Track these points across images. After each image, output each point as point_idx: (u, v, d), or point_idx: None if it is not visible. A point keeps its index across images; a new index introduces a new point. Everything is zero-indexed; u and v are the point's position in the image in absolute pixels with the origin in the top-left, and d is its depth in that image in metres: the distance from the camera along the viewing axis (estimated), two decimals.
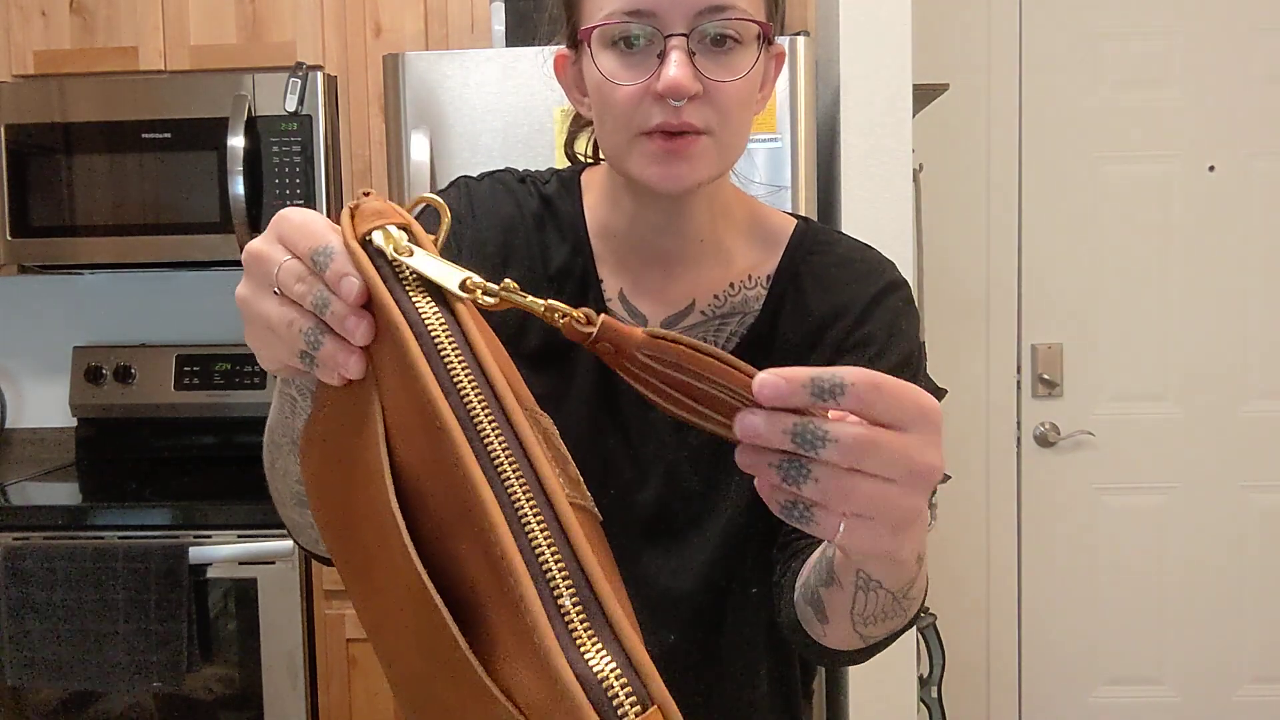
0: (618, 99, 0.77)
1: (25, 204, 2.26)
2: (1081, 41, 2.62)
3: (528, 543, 0.45)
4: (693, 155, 0.77)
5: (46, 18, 2.28)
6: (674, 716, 0.43)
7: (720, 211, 0.87)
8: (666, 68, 0.74)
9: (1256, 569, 2.67)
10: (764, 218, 0.92)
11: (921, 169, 2.28)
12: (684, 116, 0.75)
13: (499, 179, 0.92)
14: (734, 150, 0.81)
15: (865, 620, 0.68)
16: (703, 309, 0.87)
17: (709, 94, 0.76)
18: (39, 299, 2.66)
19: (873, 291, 0.86)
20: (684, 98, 0.74)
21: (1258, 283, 2.63)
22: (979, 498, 2.70)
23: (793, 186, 1.84)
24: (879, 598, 0.66)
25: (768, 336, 0.86)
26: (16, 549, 1.96)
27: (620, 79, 0.77)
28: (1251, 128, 2.60)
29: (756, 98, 0.82)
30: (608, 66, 0.77)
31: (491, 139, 1.88)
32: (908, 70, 1.90)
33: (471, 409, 0.49)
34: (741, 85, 0.77)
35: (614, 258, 0.89)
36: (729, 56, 0.77)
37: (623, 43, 0.77)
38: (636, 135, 0.77)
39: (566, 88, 0.87)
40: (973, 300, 2.67)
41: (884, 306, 0.86)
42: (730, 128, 0.78)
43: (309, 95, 2.17)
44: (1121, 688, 2.71)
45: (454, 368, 0.50)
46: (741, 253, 0.89)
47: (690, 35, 0.75)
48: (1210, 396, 2.65)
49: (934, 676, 2.30)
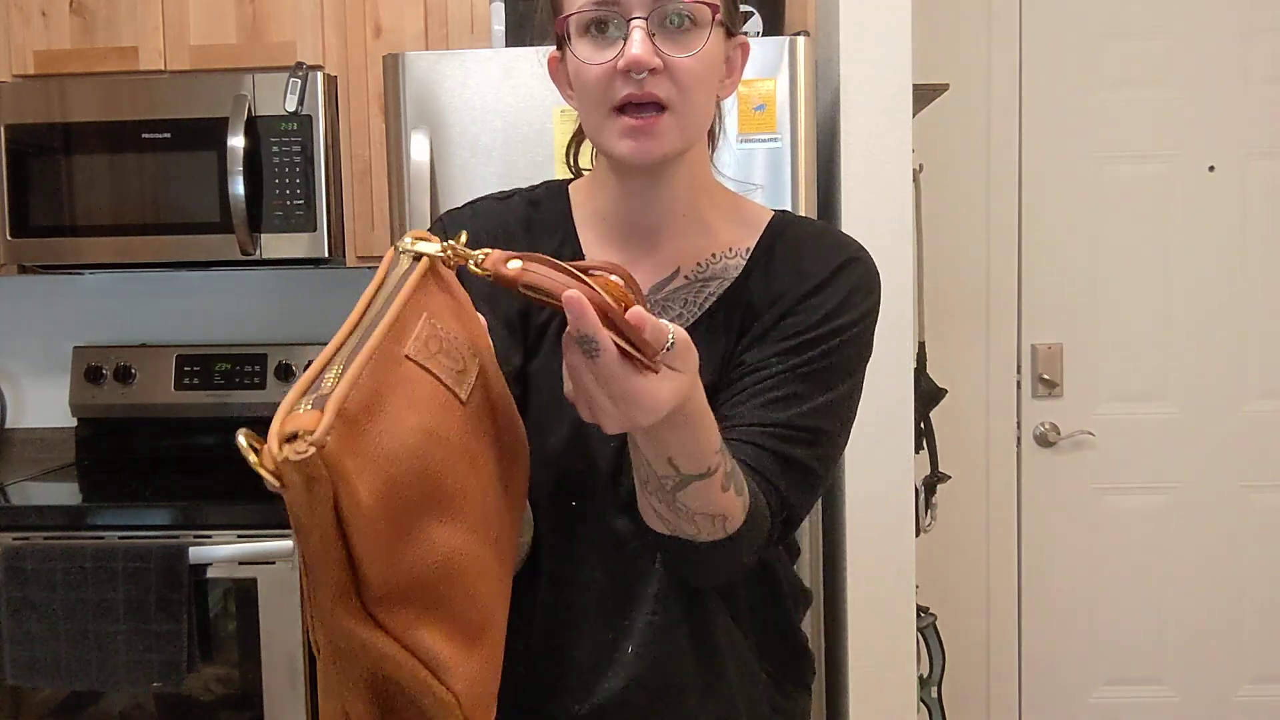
0: (591, 78, 0.87)
1: (25, 204, 2.26)
2: (1081, 41, 2.62)
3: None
4: (657, 132, 0.87)
5: (46, 18, 2.28)
6: (329, 412, 0.55)
7: (700, 188, 0.97)
8: (629, 45, 0.84)
9: (1256, 569, 2.67)
10: (744, 206, 1.01)
11: (921, 169, 2.28)
12: (647, 87, 0.85)
13: (478, 206, 1.02)
14: (696, 124, 0.90)
15: (647, 489, 0.81)
16: (686, 274, 0.96)
17: (669, 69, 0.86)
18: (39, 299, 2.66)
19: (834, 265, 0.94)
20: (644, 70, 0.85)
21: (1257, 283, 2.63)
22: (979, 498, 2.70)
23: (793, 186, 1.84)
24: (641, 463, 0.79)
25: (740, 298, 0.95)
26: (16, 549, 1.96)
27: (593, 60, 0.87)
28: (1251, 128, 2.60)
29: (718, 76, 0.92)
30: (583, 52, 0.88)
31: (491, 139, 1.88)
32: (908, 70, 1.90)
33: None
34: (697, 62, 0.87)
35: (601, 239, 0.98)
36: (685, 36, 0.87)
37: (595, 29, 0.87)
38: (609, 113, 0.87)
39: (559, 85, 0.96)
40: (973, 300, 2.67)
41: (841, 279, 0.94)
42: (689, 101, 0.88)
43: (309, 95, 2.17)
44: (1121, 688, 2.71)
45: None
46: (724, 229, 0.98)
47: (650, 17, 0.85)
48: (1210, 396, 2.65)
49: (934, 676, 2.30)
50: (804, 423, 0.89)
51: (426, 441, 0.61)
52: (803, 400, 0.89)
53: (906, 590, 1.92)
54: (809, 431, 0.89)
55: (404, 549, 0.59)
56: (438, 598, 0.61)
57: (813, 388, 0.89)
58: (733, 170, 1.76)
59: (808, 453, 0.89)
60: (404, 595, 0.59)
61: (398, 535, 0.58)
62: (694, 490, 0.79)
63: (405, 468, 0.59)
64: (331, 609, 0.58)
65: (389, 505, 0.57)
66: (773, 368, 0.90)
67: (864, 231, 2.00)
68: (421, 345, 0.65)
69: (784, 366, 0.90)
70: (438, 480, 0.61)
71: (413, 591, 0.59)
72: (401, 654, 0.59)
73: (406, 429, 0.60)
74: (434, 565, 0.60)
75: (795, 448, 0.88)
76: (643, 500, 0.84)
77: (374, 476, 0.56)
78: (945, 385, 2.27)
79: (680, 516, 0.81)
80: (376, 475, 0.57)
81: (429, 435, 0.61)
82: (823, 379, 0.90)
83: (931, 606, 2.31)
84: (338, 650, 0.60)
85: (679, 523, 0.82)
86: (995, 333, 2.68)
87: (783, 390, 0.89)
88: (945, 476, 2.31)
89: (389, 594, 0.58)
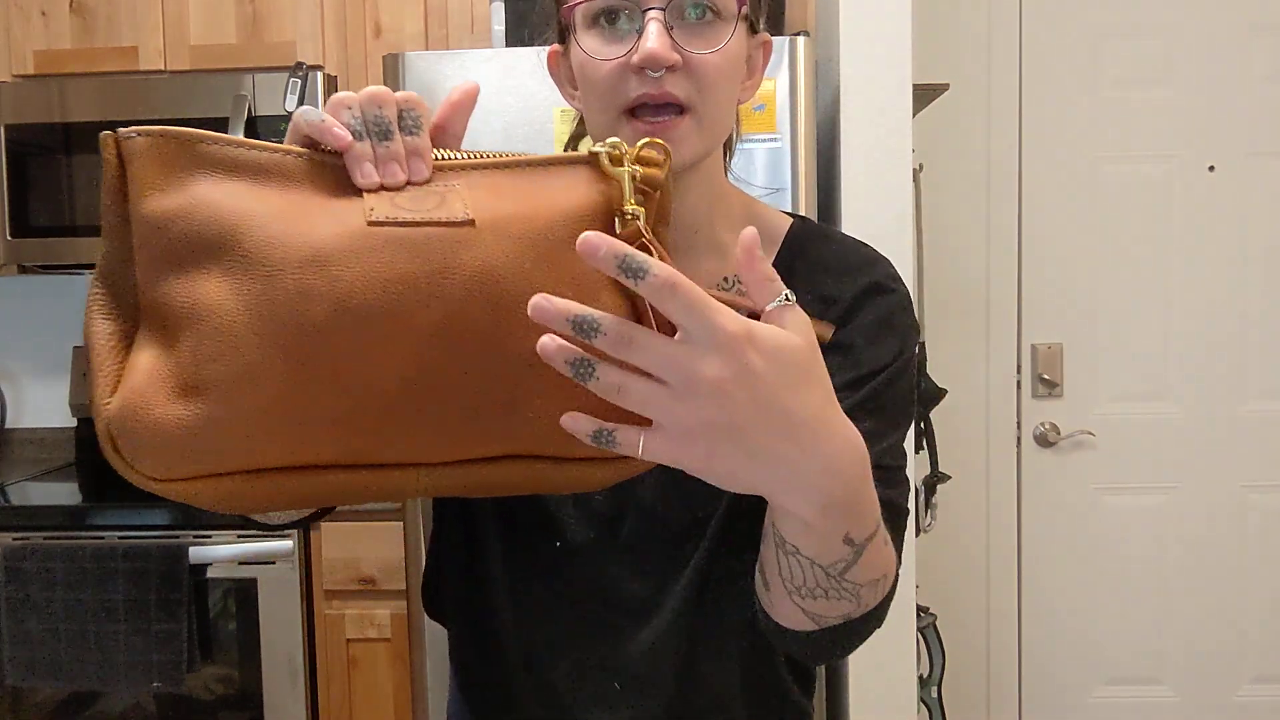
0: (600, 75, 0.78)
1: (25, 204, 2.26)
2: (1081, 41, 2.62)
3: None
4: (675, 137, 0.76)
5: (46, 18, 2.28)
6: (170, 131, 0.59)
7: (716, 203, 0.86)
8: (644, 40, 0.75)
9: (1256, 569, 2.67)
10: (760, 215, 0.91)
11: (921, 169, 2.28)
12: (664, 86, 0.76)
13: None
14: (717, 128, 0.81)
15: (800, 592, 0.68)
16: None
17: (689, 66, 0.76)
18: (39, 299, 2.66)
19: (857, 290, 0.85)
20: (661, 68, 0.75)
21: (1258, 282, 2.63)
22: (979, 498, 2.70)
23: (793, 186, 1.84)
24: (802, 566, 0.66)
25: None
26: (16, 549, 1.96)
27: (602, 55, 0.77)
28: (1251, 128, 2.60)
29: (740, 77, 0.82)
30: (590, 45, 0.78)
31: (491, 139, 1.88)
32: (908, 70, 1.90)
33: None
34: (720, 59, 0.77)
35: None
36: (707, 29, 0.77)
37: (604, 20, 0.78)
38: (620, 115, 0.78)
39: (559, 82, 0.87)
40: (973, 300, 2.67)
41: (868, 308, 0.84)
42: (711, 102, 0.78)
43: (309, 95, 2.17)
44: (1121, 688, 2.71)
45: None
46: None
47: (667, 9, 0.76)
48: (1210, 396, 2.65)
49: (934, 676, 2.30)
50: (886, 463, 0.79)
51: (252, 214, 0.59)
52: (879, 438, 0.78)
53: (906, 590, 1.92)
54: (888, 470, 0.79)
55: (170, 274, 0.59)
56: (172, 335, 0.58)
57: (881, 424, 0.80)
58: (732, 173, 1.75)
59: (895, 492, 0.79)
60: (152, 308, 0.59)
61: (169, 261, 0.59)
62: (865, 559, 0.65)
63: (206, 215, 0.59)
64: (95, 276, 0.62)
65: (173, 230, 0.59)
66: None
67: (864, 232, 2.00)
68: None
69: (847, 409, 0.81)
70: (244, 249, 0.58)
71: (155, 312, 0.59)
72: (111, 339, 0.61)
73: (245, 195, 0.60)
74: (181, 306, 0.58)
75: (887, 488, 0.77)
76: (784, 608, 0.71)
77: (174, 199, 0.59)
78: (945, 385, 2.27)
79: (844, 597, 0.67)
80: (177, 200, 0.59)
81: (269, 218, 0.59)
82: (887, 413, 0.81)
83: (931, 606, 2.31)
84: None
85: (837, 607, 0.68)
86: (995, 333, 2.68)
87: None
88: (945, 476, 2.31)
89: (142, 297, 0.60)
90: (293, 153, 0.62)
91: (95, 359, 0.60)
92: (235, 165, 0.60)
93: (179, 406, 0.57)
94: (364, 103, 0.62)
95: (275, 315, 0.57)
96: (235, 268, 0.58)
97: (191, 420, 0.57)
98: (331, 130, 0.61)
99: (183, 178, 0.60)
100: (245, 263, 0.58)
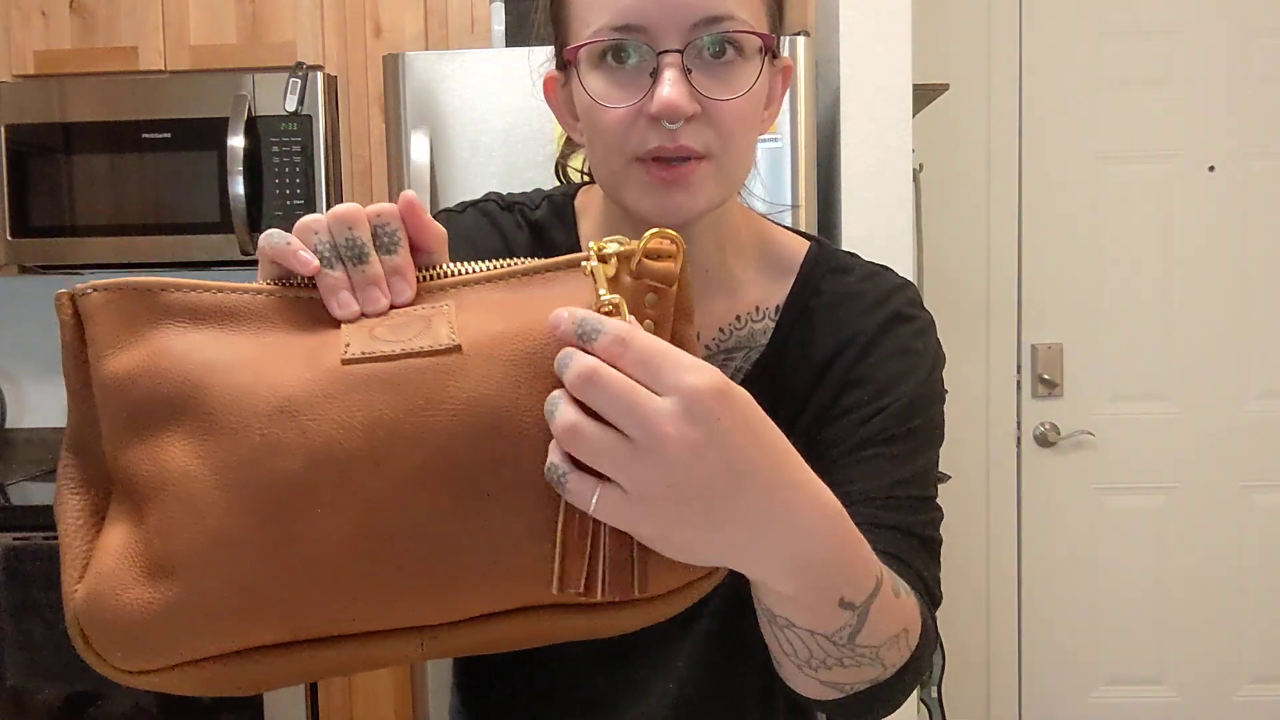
0: (609, 122, 0.70)
1: (25, 204, 2.26)
2: (1081, 41, 2.62)
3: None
4: (691, 184, 0.70)
5: (46, 18, 2.28)
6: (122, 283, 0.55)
7: (728, 238, 0.81)
8: (660, 87, 0.67)
9: (1257, 569, 2.67)
10: (774, 242, 0.85)
11: (921, 169, 2.28)
12: (681, 139, 0.68)
13: (483, 209, 0.85)
14: (737, 174, 0.74)
15: (810, 664, 0.62)
16: (707, 343, 0.80)
17: (708, 113, 0.69)
18: (39, 299, 2.66)
19: (878, 323, 0.80)
20: (680, 119, 0.67)
21: (1258, 283, 2.63)
22: (979, 498, 2.70)
23: (793, 186, 1.84)
24: (801, 638, 0.60)
25: (775, 372, 0.80)
26: (16, 549, 1.96)
27: (610, 100, 0.70)
28: (1251, 128, 2.60)
29: (761, 116, 0.75)
30: (597, 88, 0.70)
31: (491, 139, 1.88)
32: (908, 70, 1.90)
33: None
34: (743, 103, 0.70)
35: None
36: (729, 72, 0.69)
37: (613, 59, 0.70)
38: (630, 162, 0.70)
39: (557, 111, 0.80)
40: (973, 300, 2.67)
41: (889, 341, 0.80)
42: (732, 149, 0.71)
43: (309, 95, 2.17)
44: (1121, 688, 2.71)
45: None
46: (750, 282, 0.82)
47: (685, 50, 0.68)
48: (1210, 396, 2.65)
49: (934, 676, 2.30)
50: (908, 492, 0.76)
51: (216, 367, 0.55)
52: (901, 465, 0.76)
53: None
54: (913, 500, 0.77)
55: (134, 440, 0.54)
56: (140, 507, 0.54)
57: (903, 450, 0.77)
58: None
59: (917, 520, 0.77)
60: (120, 478, 0.55)
61: (133, 425, 0.54)
62: (872, 620, 0.60)
63: (168, 371, 0.54)
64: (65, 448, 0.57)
65: (135, 390, 0.54)
66: (848, 441, 0.76)
67: (864, 231, 2.01)
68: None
69: (865, 436, 0.76)
70: (209, 410, 0.54)
71: (123, 482, 0.55)
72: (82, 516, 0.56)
73: (210, 345, 0.55)
74: (147, 475, 0.53)
75: (908, 515, 0.75)
76: (799, 681, 0.65)
77: (134, 355, 0.55)
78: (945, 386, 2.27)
79: (863, 663, 0.62)
80: (137, 357, 0.55)
81: (236, 368, 0.55)
82: (910, 439, 0.78)
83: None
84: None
85: (859, 674, 0.64)
86: (995, 333, 2.68)
87: (877, 463, 0.76)
88: (945, 476, 2.30)
89: (111, 466, 0.55)
90: (263, 291, 0.58)
91: (63, 540, 0.55)
92: (200, 312, 0.56)
93: (148, 589, 0.52)
94: (332, 224, 0.58)
95: (244, 476, 0.52)
96: (200, 426, 0.53)
97: (163, 603, 0.51)
98: (296, 255, 0.57)
99: (144, 332, 0.55)
100: (210, 420, 0.53)
